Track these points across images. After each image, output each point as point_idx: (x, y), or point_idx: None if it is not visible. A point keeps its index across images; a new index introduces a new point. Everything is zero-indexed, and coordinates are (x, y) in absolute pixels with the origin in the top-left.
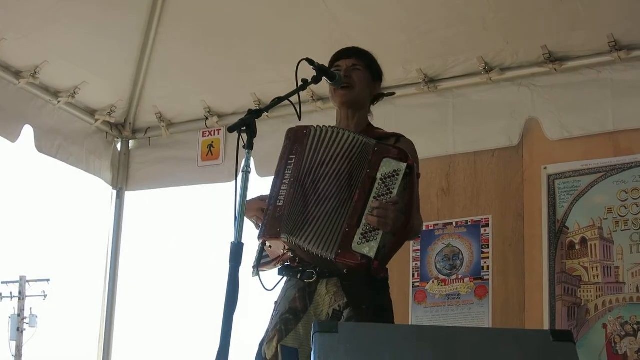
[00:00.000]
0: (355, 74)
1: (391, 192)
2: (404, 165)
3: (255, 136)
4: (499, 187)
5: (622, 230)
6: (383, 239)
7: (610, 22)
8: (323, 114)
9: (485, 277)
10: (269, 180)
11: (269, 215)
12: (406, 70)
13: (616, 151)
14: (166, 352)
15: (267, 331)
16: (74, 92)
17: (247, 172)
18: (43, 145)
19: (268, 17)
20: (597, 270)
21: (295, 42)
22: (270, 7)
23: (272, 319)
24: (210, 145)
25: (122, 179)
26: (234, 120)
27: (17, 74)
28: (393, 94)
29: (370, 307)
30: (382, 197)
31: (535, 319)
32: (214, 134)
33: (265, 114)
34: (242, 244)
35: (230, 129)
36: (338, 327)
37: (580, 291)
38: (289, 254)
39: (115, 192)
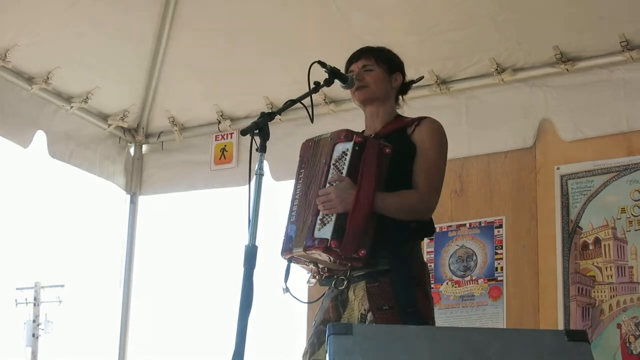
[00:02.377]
0: (366, 75)
1: (341, 173)
2: (350, 144)
3: (268, 139)
4: (513, 188)
5: (635, 230)
6: (338, 219)
7: (622, 22)
8: (335, 117)
9: (499, 278)
10: (284, 183)
11: (286, 233)
12: (418, 71)
13: (629, 151)
14: (182, 354)
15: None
16: (87, 97)
17: (260, 175)
18: (56, 150)
19: (279, 20)
20: (611, 270)
21: (307, 45)
22: (282, 10)
23: (312, 330)
24: (223, 149)
25: (135, 183)
26: (247, 123)
27: (30, 79)
28: (422, 77)
29: (396, 307)
30: (335, 183)
31: (549, 319)
32: (227, 138)
33: (278, 116)
34: (256, 247)
35: (243, 132)
36: (352, 329)
37: (594, 291)
38: (312, 266)
39: (128, 196)
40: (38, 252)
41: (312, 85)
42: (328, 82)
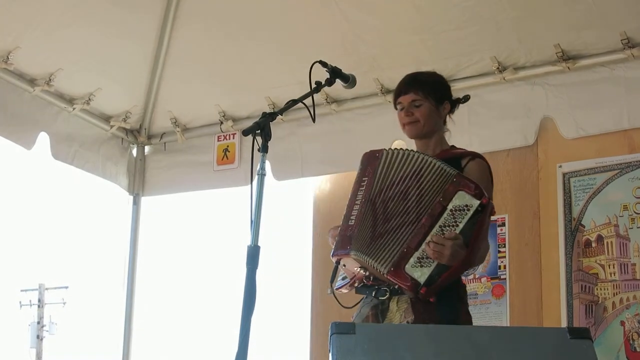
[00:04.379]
0: (416, 111)
1: (457, 225)
2: (476, 203)
3: (270, 139)
4: (515, 187)
5: (638, 227)
6: (438, 268)
7: (623, 20)
8: (337, 117)
9: (502, 277)
10: (286, 183)
11: (341, 234)
12: (418, 70)
13: (631, 148)
14: (186, 354)
15: None
16: (89, 99)
17: (262, 175)
18: (59, 152)
19: (281, 20)
20: (613, 267)
21: (309, 44)
22: (283, 10)
23: None
24: (226, 150)
25: (138, 184)
26: (249, 124)
27: (32, 81)
28: (468, 98)
29: (440, 323)
30: (447, 228)
31: (552, 317)
32: (229, 138)
33: (280, 117)
34: (259, 247)
35: (245, 132)
36: (355, 328)
37: (597, 289)
38: (362, 271)
39: (131, 197)
40: (42, 253)
41: (313, 85)
42: (329, 82)
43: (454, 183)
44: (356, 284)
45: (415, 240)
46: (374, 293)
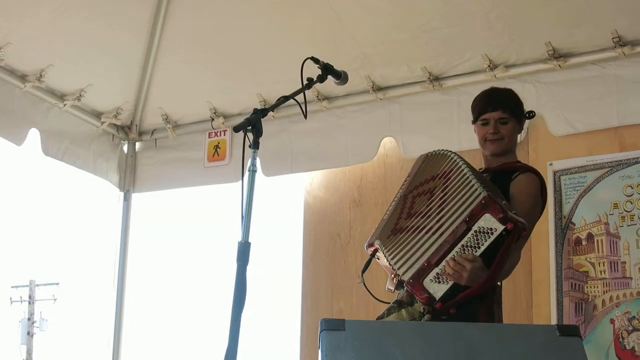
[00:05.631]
0: (503, 128)
1: (479, 247)
2: (501, 227)
3: (261, 135)
4: None
5: (628, 226)
6: (454, 288)
7: (614, 18)
8: (329, 113)
9: None
10: (275, 179)
11: (376, 228)
12: (411, 68)
13: (621, 146)
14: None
15: None
16: (80, 95)
17: (253, 172)
18: (49, 148)
19: (272, 17)
20: (604, 265)
21: (300, 41)
22: (275, 8)
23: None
24: (217, 146)
25: (129, 180)
26: (240, 120)
27: (23, 77)
28: (533, 114)
29: (454, 317)
30: (469, 249)
31: (542, 315)
32: (220, 135)
33: (271, 113)
34: (249, 243)
35: (236, 129)
36: (345, 325)
37: (587, 287)
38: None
39: (122, 194)
40: (33, 250)
41: (305, 82)
42: (321, 79)
43: (482, 205)
44: (395, 280)
45: (436, 256)
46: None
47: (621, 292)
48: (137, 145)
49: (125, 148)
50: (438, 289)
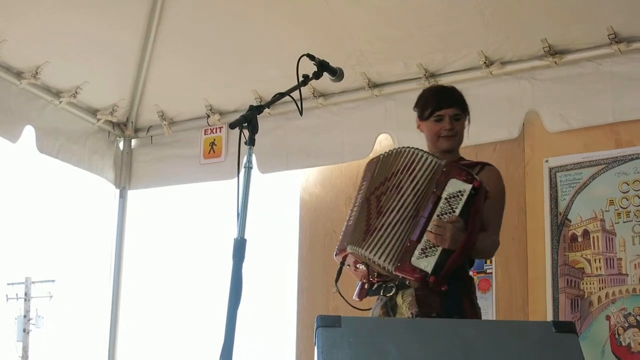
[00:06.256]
0: (457, 124)
1: (454, 211)
2: (469, 187)
3: (256, 132)
4: None
5: (624, 222)
6: (442, 255)
7: (610, 15)
8: (324, 110)
9: (488, 271)
10: (271, 176)
11: (341, 236)
12: (407, 65)
13: (617, 143)
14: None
15: None
16: (76, 92)
17: (249, 168)
18: (44, 145)
19: (268, 13)
20: (599, 262)
21: (295, 38)
22: (270, 3)
23: None
24: (212, 143)
25: (124, 178)
26: (236, 117)
27: (19, 74)
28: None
29: (443, 314)
30: (445, 216)
31: (538, 311)
32: (216, 132)
33: (267, 110)
34: (245, 240)
35: (232, 125)
36: (341, 321)
37: (583, 283)
38: (363, 267)
39: (118, 191)
40: (28, 247)
41: (300, 79)
42: (317, 75)
43: (445, 172)
44: (366, 286)
45: (416, 232)
46: (381, 292)
47: (617, 288)
48: (133, 142)
49: (121, 145)
50: (427, 263)
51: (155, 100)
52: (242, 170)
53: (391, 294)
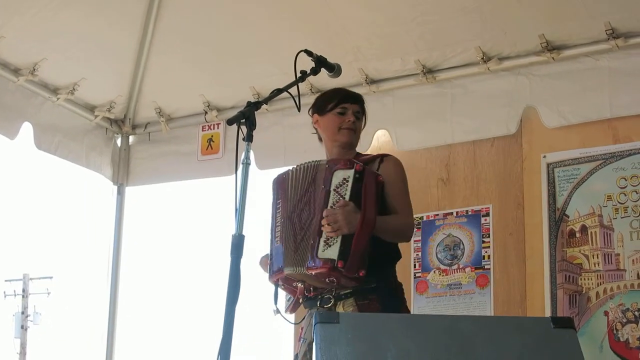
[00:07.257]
0: (358, 122)
1: (344, 198)
2: (351, 172)
3: (254, 128)
4: (499, 177)
5: (622, 218)
6: (344, 240)
7: (608, 10)
8: None
9: (486, 267)
10: (269, 172)
11: (271, 257)
12: (404, 61)
13: (615, 139)
14: (170, 345)
15: (297, 357)
16: (73, 89)
17: (247, 165)
18: (42, 142)
19: (265, 10)
20: (597, 257)
21: (293, 34)
22: (268, 0)
23: (300, 345)
24: (210, 140)
25: (122, 174)
26: (233, 114)
27: (16, 71)
28: None
29: (385, 307)
30: (337, 205)
31: (536, 307)
32: (214, 128)
33: (265, 106)
34: (243, 236)
35: (230, 122)
36: (339, 318)
37: (581, 279)
38: (300, 284)
39: (115, 187)
40: (26, 244)
41: (298, 75)
42: (314, 71)
43: (328, 168)
44: (300, 300)
45: (317, 229)
46: (318, 303)
47: (615, 284)
48: (131, 138)
49: (118, 141)
50: (332, 252)
51: (152, 96)
52: (240, 167)
53: (329, 305)
